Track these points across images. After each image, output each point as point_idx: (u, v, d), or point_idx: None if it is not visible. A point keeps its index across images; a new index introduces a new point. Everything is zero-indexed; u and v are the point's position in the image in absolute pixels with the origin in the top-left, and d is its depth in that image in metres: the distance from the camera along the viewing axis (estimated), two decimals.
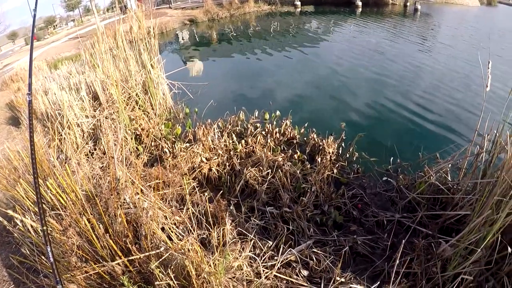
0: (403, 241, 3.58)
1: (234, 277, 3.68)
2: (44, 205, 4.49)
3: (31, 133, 2.28)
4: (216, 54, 19.20)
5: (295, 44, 18.61)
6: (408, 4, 27.33)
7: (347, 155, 6.68)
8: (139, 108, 8.60)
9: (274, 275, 3.93)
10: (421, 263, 4.03)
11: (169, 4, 37.30)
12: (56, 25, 56.18)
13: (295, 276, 4.00)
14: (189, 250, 3.43)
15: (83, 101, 8.20)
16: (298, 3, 31.30)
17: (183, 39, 25.81)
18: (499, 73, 10.18)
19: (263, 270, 3.93)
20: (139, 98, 8.68)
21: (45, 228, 2.19)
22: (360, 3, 27.96)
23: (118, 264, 3.65)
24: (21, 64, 20.85)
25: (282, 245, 4.37)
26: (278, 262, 4.06)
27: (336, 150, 6.61)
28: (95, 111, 8.15)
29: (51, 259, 2.11)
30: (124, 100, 8.34)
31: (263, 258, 4.11)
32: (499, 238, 3.49)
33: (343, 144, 6.86)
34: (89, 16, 55.95)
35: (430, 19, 24.43)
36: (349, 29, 21.73)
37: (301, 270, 4.10)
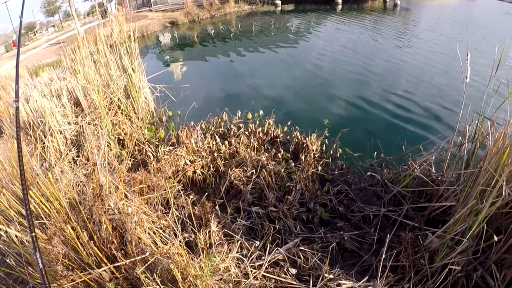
0: (389, 235, 3.62)
1: (221, 279, 3.69)
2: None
3: (18, 141, 2.26)
4: (198, 55, 19.14)
5: (276, 43, 18.64)
6: (387, 0, 27.49)
7: (331, 152, 6.72)
8: (121, 113, 8.54)
9: (262, 275, 3.94)
10: (409, 255, 4.06)
11: (150, 7, 37.06)
12: (37, 31, 55.58)
13: (283, 275, 4.01)
14: (174, 254, 3.43)
15: (65, 107, 8.13)
16: (279, 2, 31.23)
17: (164, 41, 25.70)
18: (478, 66, 10.28)
19: (251, 271, 3.94)
20: (121, 103, 8.63)
21: (33, 234, 2.17)
22: (340, 0, 28.04)
23: (105, 271, 3.64)
24: (1, 72, 20.59)
25: (269, 245, 4.38)
26: (266, 262, 4.07)
27: (319, 147, 6.64)
28: (77, 118, 8.10)
29: (40, 265, 2.09)
30: (106, 105, 8.29)
31: (250, 259, 4.12)
32: (485, 227, 3.53)
33: (326, 141, 6.90)
34: (69, 21, 55.39)
35: (409, 14, 24.60)
36: (330, 27, 21.78)
37: (289, 269, 4.11)
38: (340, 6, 27.72)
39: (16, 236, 4.06)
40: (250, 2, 32.33)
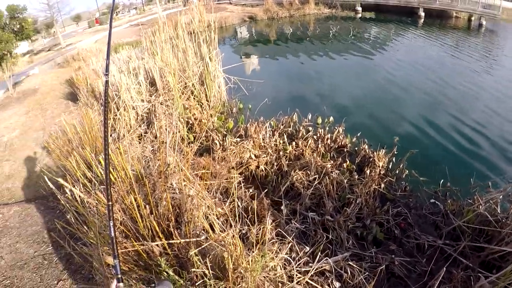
0: (443, 269, 3.47)
1: (267, 277, 3.67)
2: (94, 179, 4.65)
3: (105, 112, 2.30)
4: (272, 53, 19.24)
5: (351, 51, 18.33)
6: (472, 18, 26.23)
7: (397, 171, 6.48)
8: (194, 98, 8.73)
9: (306, 282, 3.86)
10: None
11: (230, 0, 37.60)
12: (119, 12, 57.80)
13: (326, 286, 3.93)
14: (230, 243, 3.43)
15: (140, 85, 8.40)
16: (359, 8, 30.65)
17: (241, 35, 25.99)
18: None
19: (296, 275, 3.87)
20: (195, 89, 8.82)
21: (110, 203, 2.22)
22: (423, 14, 27.04)
23: (157, 245, 3.70)
24: (83, 45, 21.55)
25: (319, 253, 4.30)
26: (313, 269, 3.98)
27: (386, 164, 6.46)
28: (151, 96, 8.34)
29: (112, 234, 2.15)
30: (180, 89, 8.49)
31: (298, 263, 4.05)
32: None
33: (393, 159, 6.65)
34: (151, 6, 57.23)
35: (494, 37, 23.12)
36: (409, 41, 21.06)
37: (333, 281, 4.00)
38: (422, 20, 26.73)
39: (79, 196, 4.22)
40: (331, 6, 32.01)
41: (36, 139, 9.12)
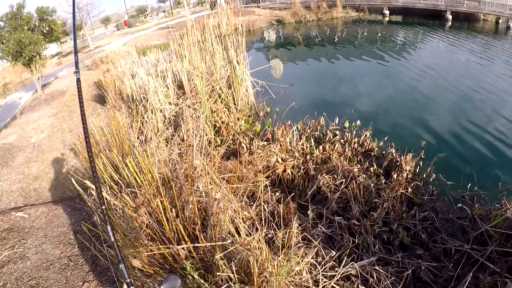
0: (470, 274, 3.40)
1: (292, 281, 3.64)
2: (120, 182, 4.70)
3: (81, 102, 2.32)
4: (300, 56, 19.21)
5: (380, 54, 18.15)
6: (500, 21, 25.67)
7: (424, 175, 6.36)
8: (221, 102, 8.79)
9: (332, 286, 3.83)
10: None
11: (258, 3, 37.67)
12: (147, 15, 58.52)
13: None
14: (256, 248, 3.42)
15: (168, 88, 8.47)
16: (387, 12, 30.22)
17: (269, 38, 26.01)
18: None
19: (322, 279, 3.83)
20: (222, 92, 8.87)
21: (104, 207, 2.19)
22: (450, 17, 26.55)
23: (183, 248, 3.71)
24: (111, 48, 21.85)
25: (345, 257, 4.25)
26: (338, 274, 3.94)
27: (413, 169, 6.38)
28: (178, 99, 8.41)
29: (112, 238, 2.13)
30: (208, 92, 8.54)
31: (324, 267, 4.01)
32: None
33: (421, 163, 6.57)
34: (179, 9, 57.78)
35: None
36: (436, 44, 20.71)
37: (359, 286, 3.97)
38: (449, 23, 26.26)
39: (106, 198, 4.26)
40: (358, 9, 31.70)
41: (64, 141, 9.28)
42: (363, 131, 7.37)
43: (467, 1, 26.19)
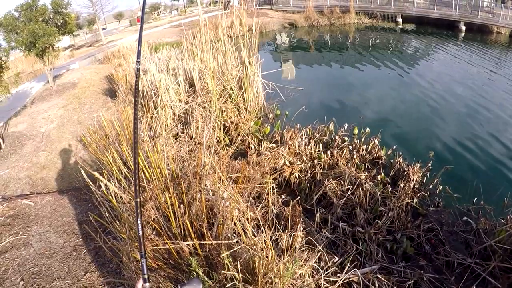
0: None
1: (295, 284, 3.65)
2: (129, 175, 4.72)
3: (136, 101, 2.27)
4: (311, 61, 19.22)
5: (392, 61, 18.10)
6: None
7: (430, 186, 6.34)
8: (231, 102, 8.81)
9: None
10: None
11: (271, 6, 37.66)
12: (160, 12, 58.74)
13: None
14: (262, 249, 3.44)
15: (179, 85, 8.50)
16: (400, 20, 30.03)
17: (281, 41, 26.04)
18: None
19: (324, 284, 3.85)
20: (233, 92, 8.90)
21: (138, 200, 2.12)
22: (464, 28, 26.37)
23: (188, 245, 3.73)
24: (123, 43, 21.95)
25: (347, 264, 4.27)
26: (340, 280, 3.96)
27: (420, 179, 6.35)
28: (189, 97, 8.44)
29: (140, 232, 2.09)
30: (218, 92, 8.57)
31: (326, 272, 4.02)
32: None
33: (428, 174, 6.55)
34: (192, 8, 57.91)
35: None
36: (449, 54, 20.54)
37: None
38: (463, 34, 26.05)
39: (114, 191, 4.29)
40: (371, 16, 31.56)
41: (73, 132, 9.32)
42: (372, 139, 7.36)
43: (481, 12, 26.07)
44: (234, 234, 3.85)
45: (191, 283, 2.01)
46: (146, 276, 2.01)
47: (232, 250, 3.54)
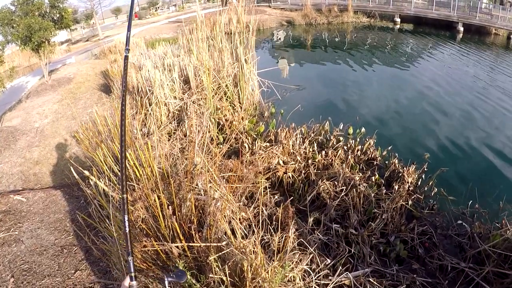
0: None
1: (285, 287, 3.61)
2: (119, 174, 4.67)
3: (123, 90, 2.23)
4: (308, 59, 19.23)
5: (389, 61, 18.13)
6: (511, 36, 25.53)
7: (425, 188, 6.30)
8: (226, 99, 8.75)
9: None
10: None
11: (269, 3, 37.56)
12: (158, 8, 58.60)
13: None
14: (251, 252, 3.38)
15: (174, 82, 8.44)
16: (398, 19, 29.92)
17: (278, 39, 26.01)
18: None
19: (315, 287, 3.79)
20: (228, 90, 8.85)
21: (125, 196, 2.07)
22: (461, 29, 26.31)
23: (177, 247, 3.68)
24: (121, 38, 21.88)
25: (339, 266, 4.22)
26: (332, 283, 3.91)
27: (415, 181, 6.30)
28: (183, 94, 8.39)
29: (127, 230, 2.04)
30: (213, 89, 8.52)
31: (317, 275, 3.96)
32: None
33: (423, 176, 6.48)
34: (190, 4, 57.76)
35: None
36: (446, 55, 20.48)
37: None
38: (461, 35, 25.99)
39: (104, 189, 4.24)
40: (369, 15, 31.50)
41: (67, 128, 9.28)
42: (367, 139, 7.29)
43: (479, 14, 26.06)
44: (224, 235, 3.79)
45: (176, 274, 2.01)
46: (133, 274, 1.98)
47: (221, 253, 3.49)
